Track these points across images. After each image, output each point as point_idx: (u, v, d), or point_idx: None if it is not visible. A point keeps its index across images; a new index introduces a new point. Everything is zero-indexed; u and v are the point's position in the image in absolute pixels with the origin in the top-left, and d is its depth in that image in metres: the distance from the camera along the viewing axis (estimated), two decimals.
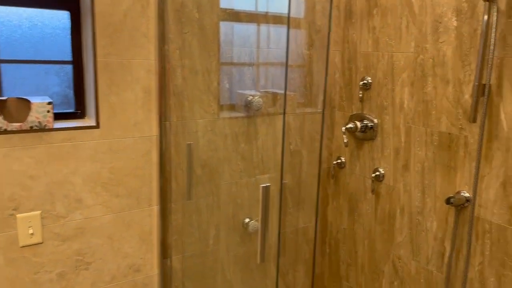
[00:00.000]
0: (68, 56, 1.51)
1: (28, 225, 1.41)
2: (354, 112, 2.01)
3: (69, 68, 1.52)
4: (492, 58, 1.40)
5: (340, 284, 2.19)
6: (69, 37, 1.50)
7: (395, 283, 1.89)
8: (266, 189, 1.13)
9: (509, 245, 1.46)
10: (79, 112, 1.56)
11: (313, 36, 2.00)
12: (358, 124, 1.93)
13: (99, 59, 1.44)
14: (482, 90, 1.44)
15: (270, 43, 1.89)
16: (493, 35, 1.38)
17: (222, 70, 1.76)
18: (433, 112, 1.66)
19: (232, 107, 1.83)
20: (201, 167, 1.76)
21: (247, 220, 1.94)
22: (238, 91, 1.83)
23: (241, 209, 1.92)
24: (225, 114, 1.80)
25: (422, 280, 1.77)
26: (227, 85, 1.79)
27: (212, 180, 1.80)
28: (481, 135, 1.46)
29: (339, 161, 2.12)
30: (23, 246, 1.42)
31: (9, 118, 1.33)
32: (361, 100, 1.97)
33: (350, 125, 1.93)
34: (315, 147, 2.10)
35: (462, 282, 1.61)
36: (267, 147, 1.93)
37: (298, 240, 2.16)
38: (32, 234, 1.42)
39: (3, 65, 1.41)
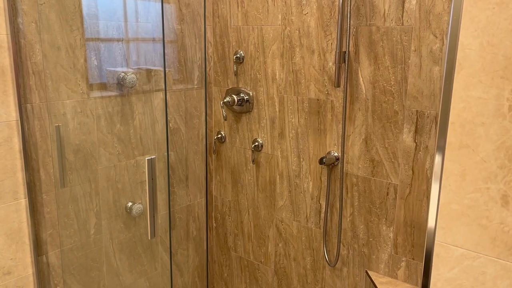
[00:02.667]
0: None
1: None
2: (230, 86, 2.05)
3: None
4: (349, 28, 1.55)
5: (229, 255, 2.25)
6: None
7: (280, 245, 2.01)
8: (152, 162, 1.09)
9: (373, 194, 1.65)
10: None
11: (183, 10, 1.96)
12: (235, 97, 1.97)
13: None
14: (343, 57, 1.59)
15: (139, 17, 1.81)
16: (348, 6, 1.53)
17: (89, 46, 1.63)
18: (303, 80, 1.78)
19: (103, 86, 1.71)
20: (73, 153, 1.62)
21: (129, 204, 1.85)
22: (108, 68, 1.71)
23: (122, 193, 1.83)
24: (96, 93, 1.68)
25: (303, 238, 1.92)
26: (95, 62, 1.66)
27: (87, 165, 1.68)
28: (345, 98, 1.62)
29: (219, 136, 2.15)
30: None
31: None
32: (236, 74, 2.02)
33: (227, 99, 1.96)
34: (195, 123, 2.09)
35: (337, 233, 1.78)
36: (145, 126, 1.86)
37: (185, 218, 2.15)
38: None
39: None
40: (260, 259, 2.11)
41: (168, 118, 1.96)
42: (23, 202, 1.50)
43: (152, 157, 1.08)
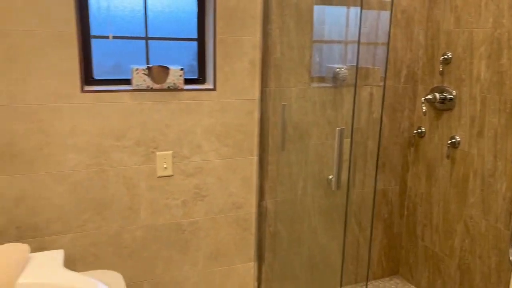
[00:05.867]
0: (195, 35, 1.96)
1: (163, 161, 1.89)
2: (435, 85, 2.20)
3: (194, 44, 1.97)
4: None
5: (416, 243, 2.40)
6: (195, 19, 1.94)
7: (466, 240, 2.07)
8: (341, 131, 1.44)
9: None
10: (201, 78, 2.00)
11: (398, 16, 2.22)
12: (438, 95, 2.12)
13: (218, 36, 1.86)
14: None
15: (358, 23, 2.17)
16: None
17: (314, 46, 2.09)
18: (507, 82, 1.81)
19: (321, 79, 2.15)
20: (292, 127, 2.11)
21: (330, 176, 2.25)
22: (327, 64, 2.14)
23: (326, 167, 2.24)
24: (315, 84, 2.13)
25: (490, 237, 1.93)
26: (317, 59, 2.11)
27: (301, 139, 2.15)
28: None
29: (419, 130, 2.32)
30: (159, 177, 1.91)
31: (154, 80, 1.81)
32: (441, 73, 2.16)
33: (429, 96, 2.13)
34: (397, 116, 2.33)
35: None
36: (350, 114, 2.22)
37: (379, 200, 2.41)
38: (165, 168, 1.90)
39: (150, 41, 1.90)
40: (445, 252, 2.20)
41: (372, 109, 2.26)
42: (255, 158, 2.07)
43: (343, 128, 1.42)
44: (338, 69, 2.13)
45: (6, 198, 1.68)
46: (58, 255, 1.09)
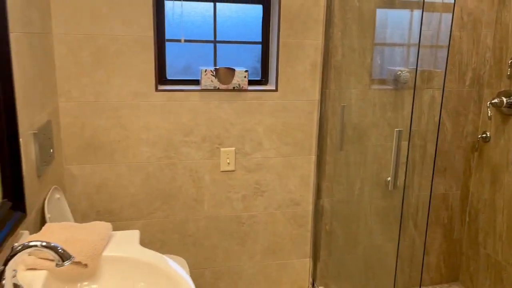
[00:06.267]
0: (259, 38, 2.07)
1: (226, 157, 2.02)
2: (502, 89, 2.14)
3: (258, 47, 2.08)
4: None
5: (477, 251, 2.34)
6: (260, 24, 2.05)
7: None
8: (399, 133, 1.47)
9: None
10: (263, 79, 2.11)
11: (465, 19, 2.19)
12: (504, 99, 2.06)
13: (281, 40, 1.95)
14: None
15: (421, 25, 2.16)
16: None
17: (376, 49, 2.11)
18: None
19: (382, 81, 2.17)
20: (351, 128, 2.15)
21: (388, 178, 2.26)
22: (388, 67, 2.16)
23: (384, 168, 2.25)
24: (375, 86, 2.15)
25: None
26: (378, 62, 2.13)
27: (360, 140, 2.18)
28: None
29: (484, 135, 2.26)
30: (222, 171, 2.04)
31: (220, 81, 1.94)
32: (509, 77, 2.09)
33: (495, 100, 2.08)
34: (461, 120, 2.29)
35: None
36: (409, 116, 2.22)
37: (438, 204, 2.38)
38: (228, 163, 2.03)
39: (217, 44, 2.03)
40: (509, 261, 2.13)
41: (434, 113, 2.25)
42: (313, 157, 2.14)
43: (400, 129, 1.45)
44: (400, 72, 2.14)
45: (90, 185, 1.88)
46: (135, 234, 1.24)
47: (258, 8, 2.04)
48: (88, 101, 1.81)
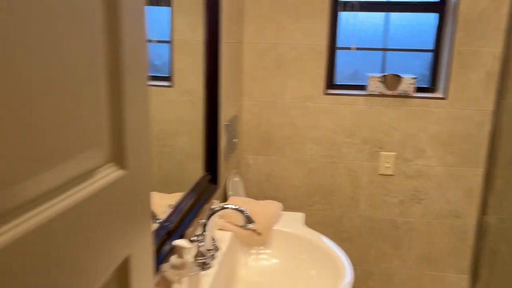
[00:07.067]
0: (430, 46, 2.07)
1: (386, 161, 2.08)
2: None
3: (429, 55, 2.09)
4: None
5: None
6: (433, 32, 2.06)
7: None
8: None
9: None
10: (431, 87, 2.10)
11: None
12: None
13: (455, 48, 1.93)
14: None
15: None
16: None
17: None
18: None
19: None
20: None
21: None
22: None
23: None
24: None
25: None
26: None
27: None
28: None
29: None
30: (380, 174, 2.11)
31: (387, 87, 2.02)
32: None
33: None
34: None
35: None
36: None
37: None
38: (387, 167, 2.09)
39: (387, 52, 2.12)
40: None
41: None
42: (481, 170, 2.04)
43: None
44: None
45: (261, 174, 2.17)
46: (300, 216, 1.43)
47: (432, 16, 2.05)
48: (266, 101, 2.09)
